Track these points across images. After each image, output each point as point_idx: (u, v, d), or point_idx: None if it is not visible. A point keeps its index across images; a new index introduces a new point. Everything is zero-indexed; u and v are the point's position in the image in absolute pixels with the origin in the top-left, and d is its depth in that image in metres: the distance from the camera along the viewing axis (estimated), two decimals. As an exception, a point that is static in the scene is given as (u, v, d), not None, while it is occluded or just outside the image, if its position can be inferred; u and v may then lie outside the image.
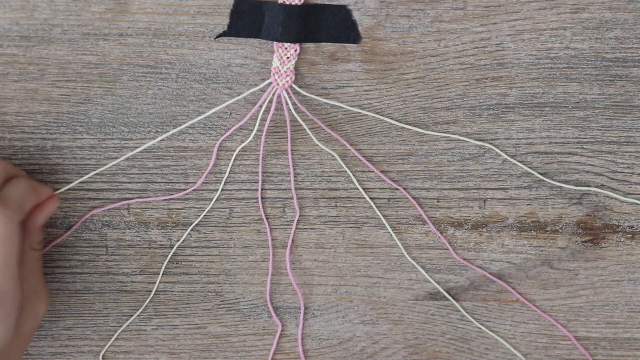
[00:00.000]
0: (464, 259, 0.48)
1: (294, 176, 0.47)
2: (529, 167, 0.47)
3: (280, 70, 0.44)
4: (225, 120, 0.46)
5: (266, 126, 0.45)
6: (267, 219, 0.47)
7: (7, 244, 0.39)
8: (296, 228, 0.48)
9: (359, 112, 0.46)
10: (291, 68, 0.44)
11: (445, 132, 0.46)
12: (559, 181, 0.47)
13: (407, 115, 0.46)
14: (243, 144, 0.46)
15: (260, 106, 0.45)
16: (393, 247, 0.48)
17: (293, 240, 0.48)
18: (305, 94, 0.45)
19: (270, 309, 0.49)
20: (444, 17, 0.44)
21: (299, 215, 0.47)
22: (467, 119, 0.46)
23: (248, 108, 0.45)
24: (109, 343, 0.49)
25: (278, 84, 0.44)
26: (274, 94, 0.44)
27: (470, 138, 0.46)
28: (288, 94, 0.44)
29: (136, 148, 0.46)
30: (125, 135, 0.46)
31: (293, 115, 0.45)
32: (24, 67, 0.44)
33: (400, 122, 0.46)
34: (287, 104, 0.44)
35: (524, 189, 0.47)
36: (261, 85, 0.44)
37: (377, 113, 0.46)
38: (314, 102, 0.45)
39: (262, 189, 0.47)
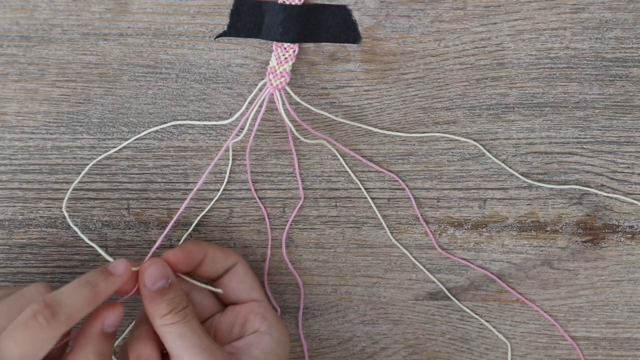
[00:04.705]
0: (463, 259, 0.48)
1: (294, 176, 0.47)
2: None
3: (276, 71, 0.44)
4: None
5: (256, 125, 0.45)
6: (260, 199, 0.48)
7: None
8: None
9: (343, 121, 0.46)
10: (287, 69, 0.43)
11: (430, 132, 0.46)
12: (559, 181, 0.47)
13: (407, 115, 0.46)
14: (234, 140, 0.46)
15: (253, 105, 0.45)
16: (393, 247, 0.48)
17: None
18: (295, 97, 0.45)
19: (268, 291, 0.49)
20: (444, 17, 0.44)
21: (303, 201, 0.47)
22: (467, 119, 0.46)
23: (249, 108, 0.45)
24: (119, 339, 0.49)
25: (272, 84, 0.44)
26: (266, 94, 0.44)
27: (458, 136, 0.46)
28: (281, 94, 0.44)
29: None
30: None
31: (289, 115, 0.45)
32: (24, 67, 0.44)
33: (378, 128, 0.46)
34: (282, 104, 0.44)
35: (524, 189, 0.47)
36: (259, 85, 0.44)
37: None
38: (313, 102, 0.45)
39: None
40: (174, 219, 0.42)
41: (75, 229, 0.46)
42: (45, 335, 0.36)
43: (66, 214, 0.46)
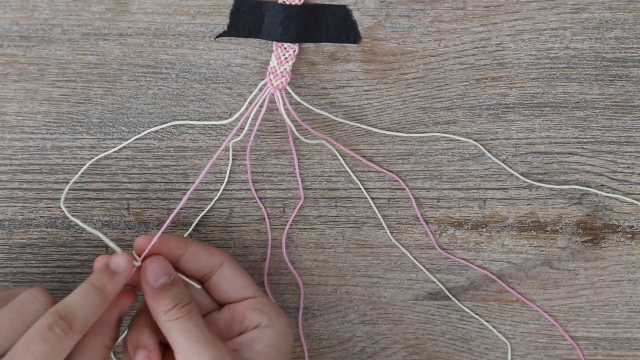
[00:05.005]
0: (463, 259, 0.48)
1: (294, 175, 0.47)
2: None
3: (276, 71, 0.44)
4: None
5: (256, 125, 0.45)
6: (260, 199, 0.48)
7: None
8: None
9: (343, 122, 0.46)
10: (287, 69, 0.44)
11: (430, 132, 0.46)
12: (559, 181, 0.47)
13: (407, 115, 0.46)
14: (234, 140, 0.46)
15: (252, 104, 0.45)
16: (393, 247, 0.48)
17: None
18: (295, 97, 0.45)
19: (268, 292, 0.49)
20: (444, 17, 0.44)
21: (303, 201, 0.47)
22: (467, 119, 0.46)
23: (249, 108, 0.45)
24: (120, 339, 0.49)
25: (272, 84, 0.44)
26: (266, 94, 0.44)
27: (458, 136, 0.46)
28: (282, 94, 0.44)
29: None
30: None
31: (290, 115, 0.45)
32: (24, 67, 0.44)
33: (378, 128, 0.46)
34: (283, 104, 0.44)
35: (524, 189, 0.47)
36: (260, 85, 0.44)
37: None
38: (313, 101, 0.45)
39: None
40: (171, 218, 0.42)
41: (76, 220, 0.45)
42: (63, 346, 0.36)
43: (64, 209, 0.46)
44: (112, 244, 0.42)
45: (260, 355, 0.41)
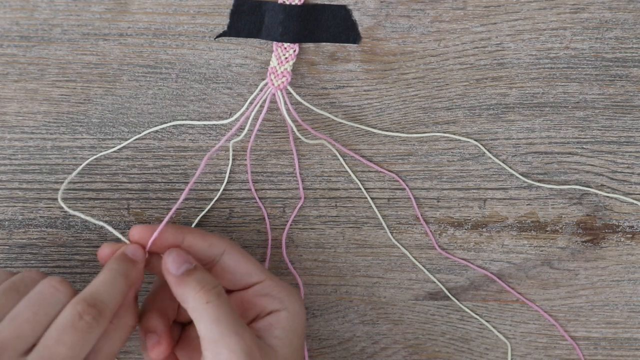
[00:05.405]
0: (463, 259, 0.48)
1: (294, 175, 0.47)
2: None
3: (277, 71, 0.44)
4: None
5: (257, 125, 0.45)
6: (260, 199, 0.48)
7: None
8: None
9: (343, 122, 0.46)
10: (288, 69, 0.44)
11: (430, 132, 0.46)
12: (559, 181, 0.47)
13: (407, 115, 0.46)
14: (233, 140, 0.46)
15: (253, 105, 0.45)
16: (393, 247, 0.48)
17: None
18: (297, 96, 0.45)
19: None
20: (444, 17, 0.44)
21: (303, 201, 0.47)
22: (467, 119, 0.46)
23: (249, 108, 0.45)
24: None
25: (273, 84, 0.44)
26: (267, 94, 0.44)
27: (458, 136, 0.46)
28: (283, 94, 0.44)
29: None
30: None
31: (291, 114, 0.45)
32: (24, 67, 0.44)
33: (378, 128, 0.46)
34: (284, 104, 0.44)
35: (524, 189, 0.47)
36: (260, 85, 0.44)
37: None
38: (313, 101, 0.45)
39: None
40: (169, 215, 0.42)
41: (79, 214, 0.45)
42: (93, 334, 0.36)
43: (62, 204, 0.45)
44: (118, 234, 0.42)
45: (280, 341, 0.40)
